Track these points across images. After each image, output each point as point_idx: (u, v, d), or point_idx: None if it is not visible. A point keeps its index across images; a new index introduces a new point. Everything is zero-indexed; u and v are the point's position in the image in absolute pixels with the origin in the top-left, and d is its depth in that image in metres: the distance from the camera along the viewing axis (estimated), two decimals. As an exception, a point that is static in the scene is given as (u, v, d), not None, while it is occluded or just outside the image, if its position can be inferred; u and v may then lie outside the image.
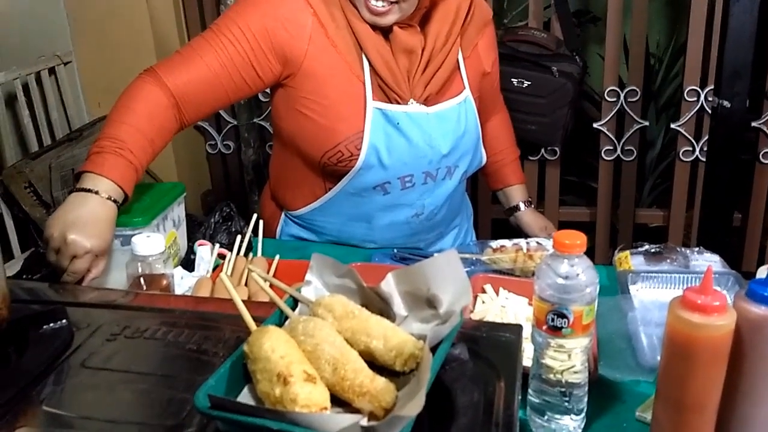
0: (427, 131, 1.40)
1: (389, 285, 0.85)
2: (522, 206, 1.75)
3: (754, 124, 2.33)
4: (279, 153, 1.56)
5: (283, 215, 1.61)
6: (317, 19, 1.31)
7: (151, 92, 1.29)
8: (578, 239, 0.87)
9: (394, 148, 1.38)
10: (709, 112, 2.33)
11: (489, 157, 1.61)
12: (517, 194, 1.76)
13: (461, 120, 1.44)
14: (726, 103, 2.05)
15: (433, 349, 0.76)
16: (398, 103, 1.37)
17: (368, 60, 1.34)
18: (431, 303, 0.84)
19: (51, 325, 0.91)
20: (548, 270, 0.88)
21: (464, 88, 1.45)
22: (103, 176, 1.16)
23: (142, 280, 1.16)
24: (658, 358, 1.07)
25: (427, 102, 1.40)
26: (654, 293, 1.28)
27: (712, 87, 2.31)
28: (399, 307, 0.85)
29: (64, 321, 0.92)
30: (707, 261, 1.39)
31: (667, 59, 2.81)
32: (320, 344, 0.74)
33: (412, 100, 1.38)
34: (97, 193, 1.14)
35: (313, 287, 0.89)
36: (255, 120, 2.71)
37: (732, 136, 2.11)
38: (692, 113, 2.37)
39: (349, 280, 0.87)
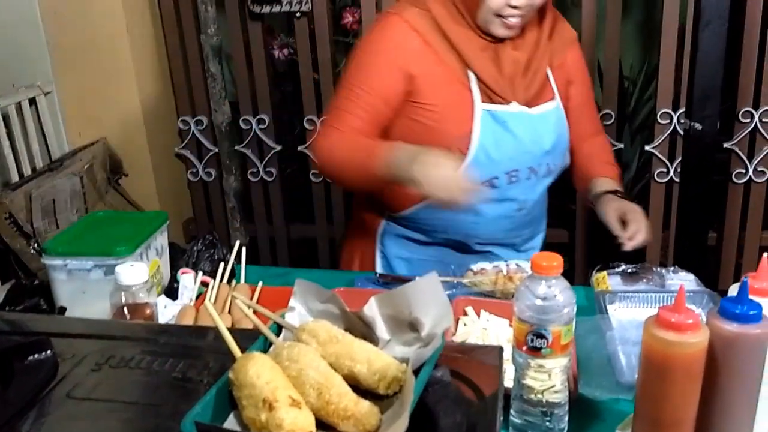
0: (533, 129, 1.51)
1: (372, 309, 0.86)
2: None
3: (726, 145, 2.39)
4: None
5: (384, 220, 1.66)
6: (423, 39, 1.45)
7: (342, 136, 1.46)
8: (555, 261, 0.89)
9: (502, 145, 1.48)
10: (682, 134, 2.39)
11: (584, 174, 1.66)
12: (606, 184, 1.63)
13: (559, 121, 1.56)
14: (697, 125, 2.11)
15: (416, 372, 0.77)
16: (503, 104, 1.49)
17: (474, 72, 1.46)
18: (413, 326, 0.85)
19: (35, 356, 0.91)
20: (527, 291, 0.91)
21: (554, 95, 1.56)
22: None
23: (125, 309, 1.16)
24: (636, 376, 1.09)
25: (529, 104, 1.51)
26: (631, 312, 1.31)
27: (684, 109, 2.36)
28: (382, 330, 0.87)
29: (48, 352, 0.92)
30: (682, 280, 1.42)
31: (640, 82, 2.87)
32: (305, 369, 0.75)
33: (514, 102, 1.49)
34: None
35: (297, 313, 0.90)
36: (237, 147, 2.73)
37: (704, 157, 2.16)
38: (665, 135, 2.42)
39: (332, 305, 0.89)
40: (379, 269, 1.66)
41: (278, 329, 0.87)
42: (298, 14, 2.53)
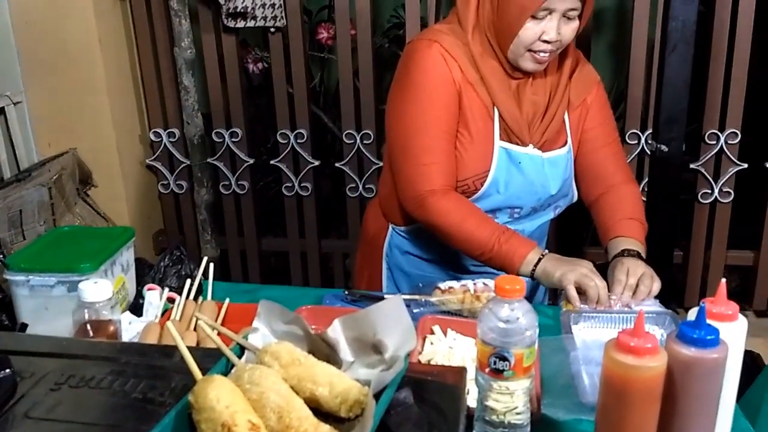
0: (543, 173, 1.54)
1: (336, 331, 0.87)
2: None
3: (692, 165, 2.44)
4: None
5: (390, 229, 1.68)
6: (460, 68, 1.47)
7: (449, 205, 1.47)
8: (518, 284, 0.90)
9: (512, 183, 1.52)
10: (650, 154, 2.43)
11: (605, 230, 1.58)
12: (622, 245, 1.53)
13: (567, 167, 1.58)
14: (663, 147, 2.14)
15: (379, 395, 0.78)
16: (519, 145, 1.51)
17: (497, 108, 1.48)
18: (377, 348, 0.86)
19: (-6, 374, 0.90)
20: (490, 314, 0.91)
21: (567, 140, 1.58)
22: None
23: (88, 326, 1.15)
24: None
25: (542, 148, 1.54)
26: (595, 333, 1.32)
27: (651, 131, 2.40)
28: (345, 353, 0.87)
29: (7, 370, 0.91)
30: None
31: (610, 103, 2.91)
32: (265, 392, 0.75)
33: (531, 144, 1.52)
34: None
35: (260, 334, 0.90)
36: (209, 160, 2.71)
37: (670, 177, 2.20)
38: (633, 155, 2.46)
39: (296, 327, 0.89)
40: (384, 281, 1.70)
41: (241, 350, 0.87)
42: (272, 29, 2.54)
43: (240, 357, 0.86)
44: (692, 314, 1.01)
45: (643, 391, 0.87)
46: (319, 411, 0.78)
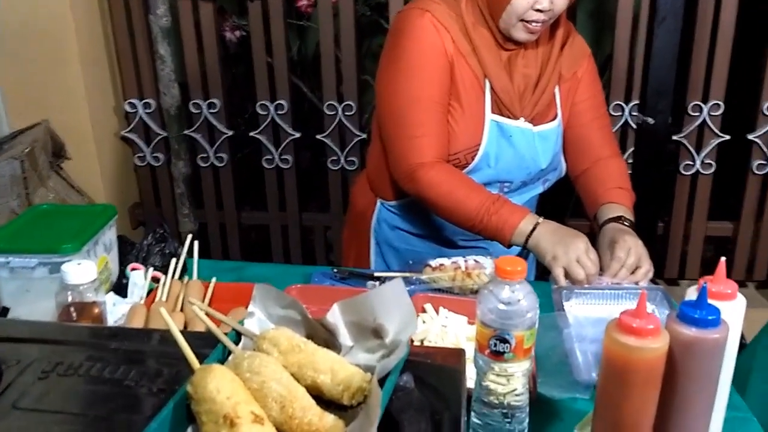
0: (534, 146, 1.52)
1: (335, 316, 0.84)
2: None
3: (675, 137, 2.44)
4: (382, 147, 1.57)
5: (378, 203, 1.66)
6: (452, 38, 1.44)
7: (439, 177, 1.44)
8: (519, 265, 0.89)
9: (503, 157, 1.51)
10: (634, 126, 2.42)
11: (593, 199, 1.57)
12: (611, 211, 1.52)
13: (558, 141, 1.57)
14: (650, 120, 2.14)
15: (381, 381, 0.76)
16: (510, 118, 1.50)
17: (489, 80, 1.47)
18: (377, 333, 0.84)
19: (-23, 363, 0.87)
20: (490, 295, 0.90)
21: (557, 113, 1.56)
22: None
23: (71, 309, 1.11)
24: (594, 374, 1.11)
25: (533, 121, 1.52)
26: (587, 309, 1.32)
27: (637, 102, 2.40)
28: (344, 337, 0.85)
29: (-9, 359, 0.88)
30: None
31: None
32: (267, 382, 0.73)
33: (522, 118, 1.50)
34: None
35: (256, 319, 0.87)
36: (186, 132, 2.65)
37: (656, 150, 2.19)
38: (617, 127, 2.45)
39: (293, 311, 0.87)
40: (372, 257, 1.68)
41: (237, 336, 0.84)
42: (251, -3, 2.47)
43: (236, 343, 0.83)
44: (691, 293, 1.00)
45: (644, 373, 0.86)
46: (321, 399, 0.76)
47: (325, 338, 0.85)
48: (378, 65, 1.52)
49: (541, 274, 1.74)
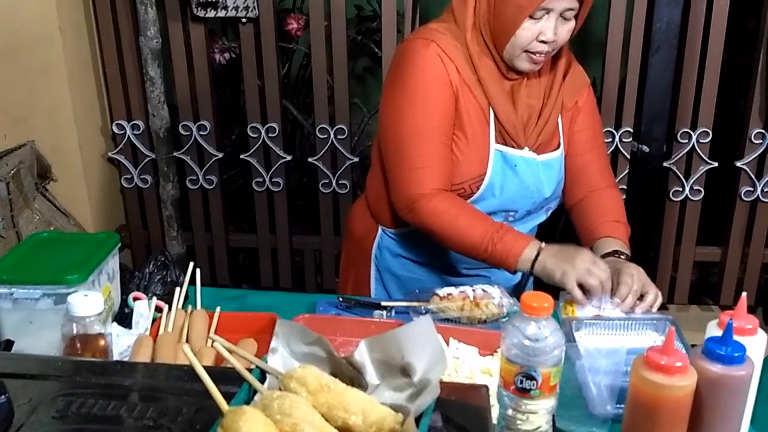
0: (538, 176, 1.52)
1: (362, 353, 0.83)
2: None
3: (665, 164, 2.46)
4: (384, 174, 1.56)
5: (380, 230, 1.64)
6: (457, 69, 1.44)
7: (442, 207, 1.43)
8: (546, 302, 0.88)
9: (508, 186, 1.50)
10: (624, 153, 2.45)
11: (589, 233, 1.56)
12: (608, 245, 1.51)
13: (561, 170, 1.58)
14: (645, 148, 2.16)
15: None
16: (514, 148, 1.49)
17: (493, 110, 1.46)
18: (405, 371, 0.82)
19: (-13, 402, 0.83)
20: (515, 331, 0.89)
21: (560, 142, 1.56)
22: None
23: (77, 341, 1.08)
24: (608, 407, 1.10)
25: (537, 150, 1.52)
26: (598, 340, 1.31)
27: (629, 129, 2.42)
28: (371, 375, 0.83)
29: (3, 397, 0.84)
30: None
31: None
32: (299, 424, 0.71)
33: (526, 147, 1.50)
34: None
35: (279, 356, 0.85)
36: (176, 154, 2.62)
37: (651, 178, 2.21)
38: (608, 153, 2.47)
39: (318, 348, 0.85)
40: (372, 284, 1.66)
41: (261, 374, 0.82)
42: (243, 20, 2.46)
43: (261, 383, 0.81)
44: (712, 328, 1.00)
45: (672, 410, 0.86)
46: (351, 440, 0.74)
47: (351, 376, 0.83)
48: (381, 95, 1.52)
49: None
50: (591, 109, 1.61)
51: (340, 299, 1.43)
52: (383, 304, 1.40)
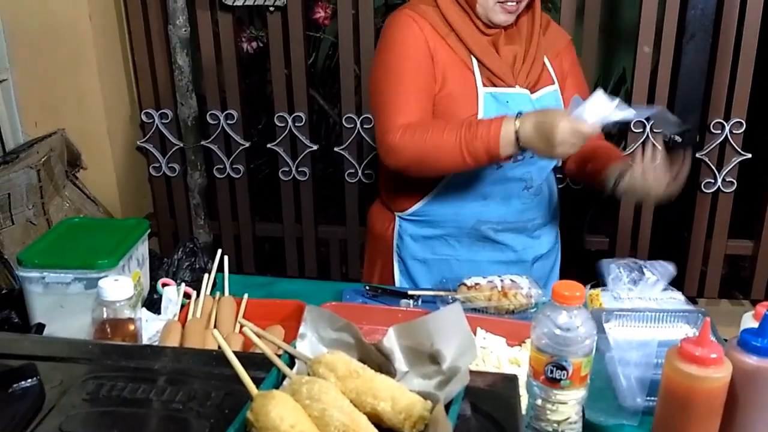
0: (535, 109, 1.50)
1: (390, 340, 0.82)
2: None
3: (697, 155, 2.42)
4: None
5: (397, 218, 1.66)
6: (433, 28, 1.50)
7: (407, 135, 1.44)
8: (577, 291, 0.87)
9: None
10: (657, 145, 2.39)
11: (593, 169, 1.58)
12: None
13: (559, 104, 1.58)
14: (678, 138, 2.12)
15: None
16: (505, 87, 1.52)
17: (476, 57, 1.51)
18: (434, 358, 0.81)
19: (21, 383, 0.84)
20: (547, 321, 0.88)
21: (554, 80, 1.59)
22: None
23: (107, 325, 1.09)
24: (639, 400, 1.08)
25: (530, 89, 1.54)
26: (627, 332, 1.29)
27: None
28: (400, 362, 0.83)
29: (34, 379, 0.85)
30: (660, 270, 1.40)
31: (609, 89, 2.87)
32: (328, 409, 0.71)
33: (517, 86, 1.53)
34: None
35: (308, 341, 0.85)
36: (203, 142, 2.63)
37: (684, 170, 2.16)
38: (638, 144, 2.43)
39: (346, 334, 0.85)
40: (397, 274, 1.66)
41: (290, 360, 0.82)
42: (271, 8, 2.46)
43: (290, 367, 0.81)
44: (747, 319, 0.98)
45: (707, 402, 0.84)
46: (380, 427, 0.74)
47: (379, 363, 0.83)
48: None
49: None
50: (574, 66, 1.66)
51: (367, 287, 1.43)
52: (410, 293, 1.39)
